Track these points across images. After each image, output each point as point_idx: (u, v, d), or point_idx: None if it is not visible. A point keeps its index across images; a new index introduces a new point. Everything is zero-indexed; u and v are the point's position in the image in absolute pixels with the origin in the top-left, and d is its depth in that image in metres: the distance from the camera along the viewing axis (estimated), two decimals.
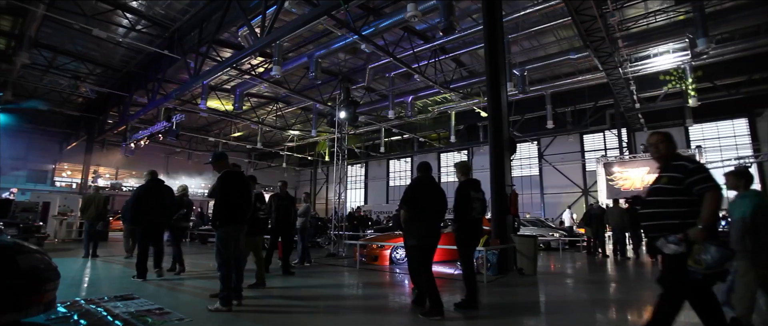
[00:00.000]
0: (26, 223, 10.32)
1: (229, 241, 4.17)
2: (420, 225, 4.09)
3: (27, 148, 23.08)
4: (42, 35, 12.22)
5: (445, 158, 26.00)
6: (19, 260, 2.86)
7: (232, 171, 4.43)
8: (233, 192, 4.30)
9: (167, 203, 6.26)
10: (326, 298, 5.10)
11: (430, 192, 4.25)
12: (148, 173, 6.39)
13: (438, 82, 13.44)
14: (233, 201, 4.26)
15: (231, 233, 4.19)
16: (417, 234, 4.09)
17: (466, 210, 4.32)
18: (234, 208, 4.24)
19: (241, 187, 4.39)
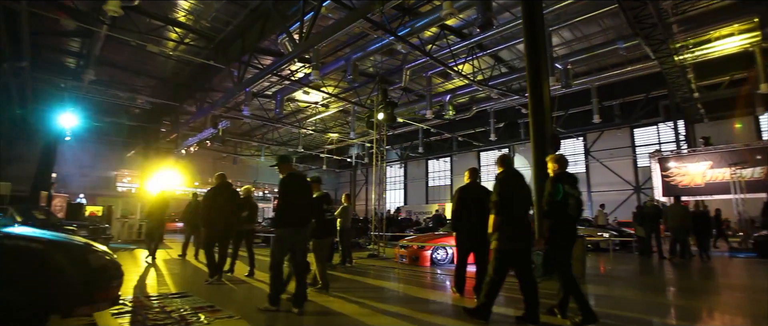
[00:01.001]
0: (94, 225, 11.23)
1: (284, 243, 4.16)
2: (512, 227, 3.76)
3: (93, 157, 25.15)
4: (104, 53, 13.27)
5: (485, 157, 25.43)
6: (90, 258, 3.13)
7: (293, 174, 4.44)
8: (294, 194, 4.28)
9: (235, 206, 6.32)
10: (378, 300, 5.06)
11: (520, 188, 3.93)
12: (217, 176, 6.42)
13: (476, 80, 13.18)
14: (293, 203, 4.23)
15: (287, 235, 4.15)
16: (509, 236, 3.74)
17: (560, 207, 3.81)
18: (293, 211, 4.21)
19: (302, 190, 4.37)
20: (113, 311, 3.83)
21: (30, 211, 9.16)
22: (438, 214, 17.47)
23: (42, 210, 10.35)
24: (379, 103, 12.09)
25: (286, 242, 4.17)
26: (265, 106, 18.42)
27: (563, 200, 3.78)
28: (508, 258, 3.75)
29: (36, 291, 2.85)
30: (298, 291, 4.16)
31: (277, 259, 4.15)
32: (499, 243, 3.77)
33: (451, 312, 4.31)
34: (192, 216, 9.08)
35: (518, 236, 3.77)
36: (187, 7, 11.18)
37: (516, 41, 11.36)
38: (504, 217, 3.77)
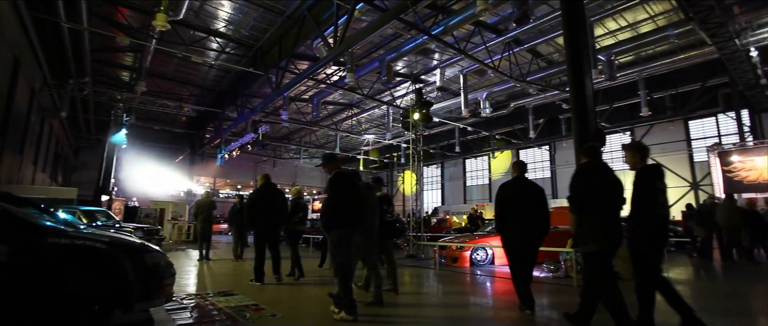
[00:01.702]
0: (148, 227, 11.97)
1: (341, 245, 3.96)
2: (602, 225, 3.23)
3: (146, 162, 26.88)
4: (154, 66, 14.14)
5: (525, 154, 24.69)
6: (146, 258, 3.34)
7: (342, 173, 4.25)
8: (343, 193, 4.10)
9: (280, 207, 6.18)
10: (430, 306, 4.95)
11: (608, 181, 3.35)
12: (262, 177, 6.31)
13: (513, 76, 12.82)
14: (343, 202, 4.06)
15: (342, 237, 3.97)
16: (598, 237, 3.22)
17: (649, 204, 3.27)
18: (343, 211, 4.03)
19: (351, 189, 4.16)
20: (167, 307, 4.06)
21: (94, 214, 9.89)
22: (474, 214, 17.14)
23: (103, 212, 11.16)
24: (415, 103, 12.04)
25: (344, 242, 3.98)
26: (302, 110, 18.90)
27: (653, 196, 3.25)
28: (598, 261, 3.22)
29: (101, 287, 3.09)
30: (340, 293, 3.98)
31: (338, 262, 3.93)
32: (583, 245, 3.29)
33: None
34: (238, 217, 9.34)
35: (605, 237, 3.22)
36: (227, 17, 11.69)
37: (555, 34, 10.96)
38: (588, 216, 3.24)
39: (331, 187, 4.15)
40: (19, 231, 2.96)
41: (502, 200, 4.26)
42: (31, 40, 10.29)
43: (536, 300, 4.15)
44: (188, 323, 3.64)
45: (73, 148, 23.84)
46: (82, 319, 3.00)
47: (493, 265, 8.57)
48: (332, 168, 4.32)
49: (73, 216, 8.83)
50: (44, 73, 12.58)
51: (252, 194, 6.33)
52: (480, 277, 7.11)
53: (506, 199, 4.24)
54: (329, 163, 4.40)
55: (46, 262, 2.94)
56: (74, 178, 24.34)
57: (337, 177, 4.17)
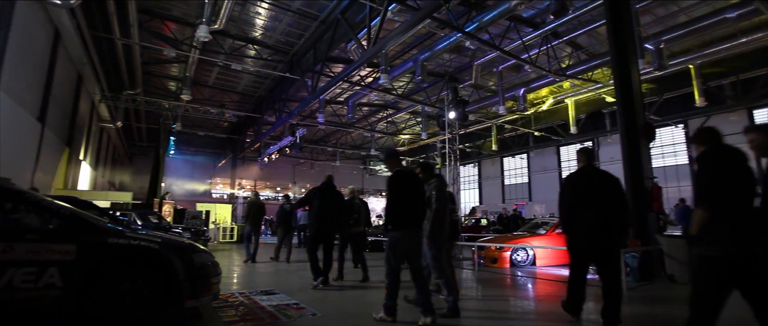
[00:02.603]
0: (195, 228, 12.58)
1: (398, 248, 3.75)
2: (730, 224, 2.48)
3: (191, 167, 28.37)
4: (197, 75, 14.88)
5: (566, 151, 23.73)
6: (194, 258, 3.52)
7: (404, 171, 4.01)
8: (406, 193, 3.86)
9: (338, 208, 6.03)
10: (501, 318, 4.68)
11: (740, 170, 2.59)
12: (326, 177, 6.20)
13: (552, 70, 12.36)
14: (406, 203, 3.83)
15: (401, 239, 3.76)
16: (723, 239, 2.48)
17: None
18: (406, 211, 3.81)
19: (415, 188, 3.95)
20: (214, 305, 4.25)
21: (146, 216, 10.54)
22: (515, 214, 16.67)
23: (155, 214, 11.86)
24: (450, 102, 11.90)
25: (401, 246, 3.75)
26: (337, 112, 19.19)
27: None
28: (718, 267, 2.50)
29: (155, 284, 3.28)
30: (421, 300, 3.69)
31: (393, 265, 3.73)
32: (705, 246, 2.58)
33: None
34: (282, 218, 9.40)
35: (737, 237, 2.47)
36: (263, 25, 12.08)
37: (596, 24, 10.45)
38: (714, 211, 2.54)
39: (392, 186, 3.90)
40: (84, 233, 3.20)
41: (569, 194, 3.61)
42: (92, 56, 11.12)
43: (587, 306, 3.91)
44: (233, 320, 3.79)
45: (127, 155, 25.56)
46: (138, 314, 3.20)
47: (534, 266, 8.30)
48: (394, 165, 4.09)
49: (128, 218, 9.45)
50: (102, 86, 13.58)
51: (311, 193, 6.11)
52: (524, 279, 6.91)
53: (574, 193, 3.57)
54: (391, 159, 4.15)
55: (107, 261, 3.16)
56: (130, 183, 26.10)
57: (397, 175, 3.93)
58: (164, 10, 11.22)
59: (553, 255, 8.46)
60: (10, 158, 7.77)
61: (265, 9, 11.19)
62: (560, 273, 7.43)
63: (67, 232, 3.13)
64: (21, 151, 8.57)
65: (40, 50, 9.14)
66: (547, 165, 24.61)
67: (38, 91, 9.33)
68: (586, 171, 3.71)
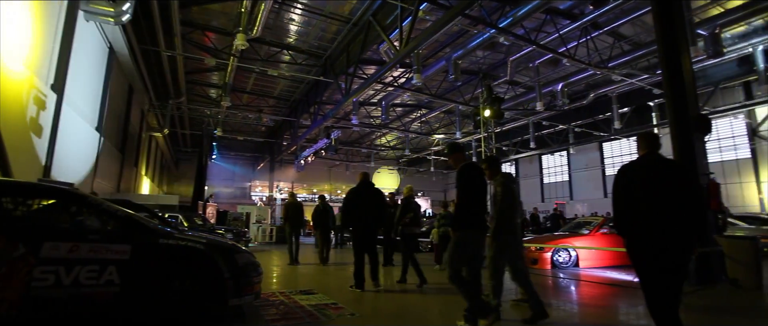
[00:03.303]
0: (237, 229, 13.06)
1: (464, 249, 3.45)
2: None
3: (232, 171, 29.56)
4: (236, 81, 15.48)
5: (609, 147, 22.64)
6: (237, 258, 3.66)
7: (472, 165, 3.68)
8: (477, 190, 3.56)
9: (377, 208, 5.64)
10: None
11: None
12: (360, 175, 5.92)
13: (592, 63, 11.81)
14: (476, 201, 3.53)
15: (469, 240, 3.47)
16: None
17: None
18: (477, 211, 3.53)
19: (480, 184, 3.62)
20: (256, 304, 4.39)
21: (192, 218, 11.08)
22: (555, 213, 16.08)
23: (200, 216, 12.45)
24: (485, 100, 11.66)
25: (467, 246, 3.45)
26: (371, 114, 19.32)
27: None
28: None
29: (200, 283, 3.44)
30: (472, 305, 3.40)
31: (455, 268, 3.42)
32: None
33: None
34: (320, 219, 9.31)
35: None
36: (296, 30, 12.38)
37: (641, 12, 9.88)
38: None
39: (462, 182, 3.55)
40: (138, 234, 3.40)
41: (625, 188, 2.83)
42: (141, 69, 11.85)
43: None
44: (275, 318, 3.90)
45: (173, 160, 27.01)
46: (186, 311, 3.36)
47: (577, 268, 7.96)
48: (458, 159, 3.76)
49: (175, 220, 9.97)
50: (150, 97, 14.43)
51: (348, 194, 5.78)
52: (567, 281, 6.64)
53: (632, 186, 2.80)
54: (455, 153, 3.84)
55: (158, 260, 3.35)
56: (175, 186, 27.60)
57: (465, 170, 3.58)
58: (205, 21, 11.76)
59: (598, 257, 8.09)
60: (73, 165, 8.43)
61: (298, 15, 11.46)
62: (607, 275, 7.08)
63: (123, 233, 3.34)
64: (82, 159, 9.27)
65: (96, 65, 9.85)
66: (589, 162, 23.57)
67: (96, 104, 10.05)
68: (648, 161, 2.89)
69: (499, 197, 3.90)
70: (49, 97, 7.08)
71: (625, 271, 7.14)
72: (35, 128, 6.69)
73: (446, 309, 4.51)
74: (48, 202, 3.63)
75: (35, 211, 3.55)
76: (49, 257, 2.97)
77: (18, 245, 2.93)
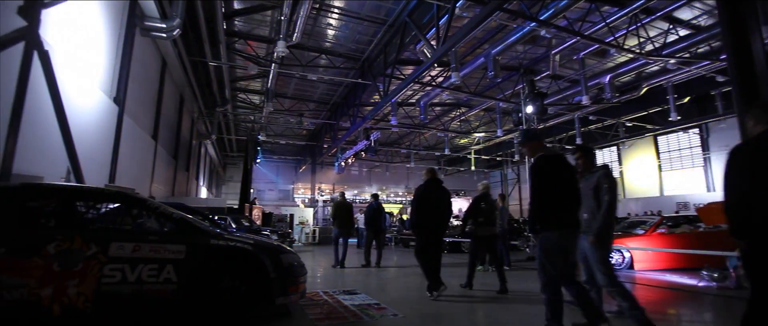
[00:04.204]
0: (282, 230, 13.49)
1: (556, 253, 3.03)
2: None
3: (276, 174, 30.64)
4: (277, 87, 16.02)
5: (665, 141, 21.14)
6: (282, 258, 3.78)
7: (554, 155, 3.24)
8: (559, 183, 3.11)
9: (445, 207, 5.33)
10: None
11: None
12: (428, 172, 5.59)
13: (644, 52, 11.09)
14: (562, 195, 3.09)
15: (556, 241, 3.04)
16: None
17: None
18: (562, 206, 3.08)
19: (570, 176, 3.20)
20: (301, 303, 4.50)
21: (239, 219, 11.57)
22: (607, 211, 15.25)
23: (246, 218, 12.98)
24: (526, 96, 11.29)
25: (557, 249, 3.03)
26: (410, 114, 19.29)
27: None
28: None
29: (249, 282, 3.58)
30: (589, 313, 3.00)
31: (550, 276, 3.00)
32: None
33: None
34: (373, 220, 8.88)
35: None
36: (334, 34, 12.61)
37: None
38: None
39: (539, 174, 3.13)
40: (192, 235, 3.60)
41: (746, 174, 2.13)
42: (190, 79, 12.57)
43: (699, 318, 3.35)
44: (319, 317, 3.98)
45: (221, 164, 28.38)
46: (235, 308, 3.52)
47: (631, 270, 7.49)
48: (535, 148, 3.31)
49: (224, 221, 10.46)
50: (199, 105, 15.25)
51: (417, 192, 5.39)
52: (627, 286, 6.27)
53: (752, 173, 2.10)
54: (531, 141, 3.39)
55: (210, 260, 3.53)
56: (224, 190, 29.02)
57: (544, 162, 3.16)
58: (247, 30, 12.28)
59: (656, 258, 7.56)
60: (132, 171, 9.09)
61: (335, 19, 11.66)
62: (666, 279, 6.61)
63: (179, 234, 3.55)
64: (141, 165, 9.98)
65: (152, 78, 10.57)
66: (643, 157, 22.14)
67: (151, 113, 10.78)
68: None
69: (606, 191, 3.45)
70: (113, 109, 7.69)
71: (686, 275, 6.64)
72: (102, 138, 7.28)
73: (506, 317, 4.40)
74: (114, 206, 3.93)
75: (103, 214, 3.87)
76: (116, 256, 3.22)
77: (91, 245, 3.19)
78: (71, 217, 3.54)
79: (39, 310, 2.97)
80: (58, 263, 3.06)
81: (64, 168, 5.78)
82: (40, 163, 5.22)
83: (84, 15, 6.36)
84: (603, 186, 3.50)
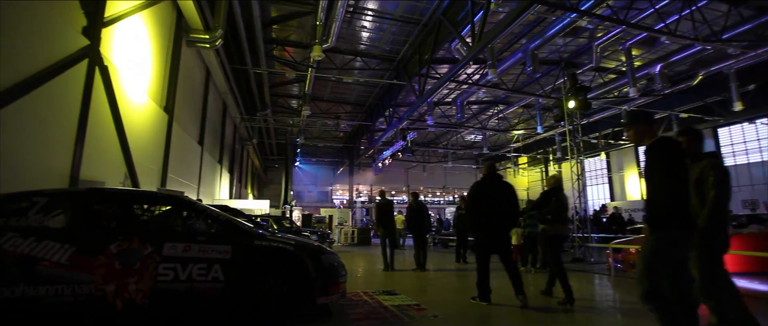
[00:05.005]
0: (321, 231, 13.79)
1: (672, 256, 2.49)
2: None
3: (314, 176, 31.33)
4: (314, 91, 16.39)
5: (727, 133, 19.52)
6: (323, 259, 3.85)
7: (669, 140, 2.60)
8: (679, 173, 2.53)
9: (508, 204, 4.78)
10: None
11: None
12: (486, 166, 5.07)
13: (701, 37, 10.29)
14: (680, 188, 2.51)
15: (675, 241, 2.48)
16: None
17: None
18: (684, 201, 2.52)
19: (686, 165, 2.62)
20: (342, 303, 4.57)
21: (281, 221, 11.95)
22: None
23: (287, 219, 13.39)
24: (568, 90, 10.84)
25: (670, 252, 2.48)
26: (446, 113, 19.09)
27: None
28: None
29: (292, 282, 3.68)
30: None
31: (654, 283, 2.41)
32: None
33: None
34: (415, 220, 8.48)
35: None
36: (368, 37, 12.72)
37: None
38: None
39: (658, 162, 2.53)
40: (237, 236, 3.76)
41: None
42: (232, 86, 13.14)
43: None
44: (359, 317, 4.02)
45: (262, 168, 29.43)
46: (277, 307, 3.62)
47: None
48: (645, 132, 2.68)
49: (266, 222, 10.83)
50: (241, 111, 15.90)
51: (473, 189, 4.95)
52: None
53: None
54: (639, 124, 2.71)
55: (254, 260, 3.66)
56: (265, 192, 30.07)
57: (665, 146, 2.55)
58: (284, 36, 12.67)
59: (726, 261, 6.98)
60: (181, 175, 9.63)
61: (369, 22, 11.76)
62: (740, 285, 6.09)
63: (225, 235, 3.71)
64: (188, 169, 10.55)
65: (197, 86, 11.15)
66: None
67: (197, 120, 11.38)
68: None
69: (712, 184, 2.96)
70: (163, 117, 8.18)
71: (757, 279, 6.09)
72: (154, 144, 7.77)
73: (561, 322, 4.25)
74: (165, 208, 4.18)
75: (157, 216, 4.12)
76: (169, 256, 3.42)
77: (147, 245, 3.41)
78: (129, 219, 3.80)
79: (105, 305, 3.21)
80: (119, 261, 3.30)
81: (121, 173, 6.23)
82: (102, 169, 5.65)
83: (136, 31, 6.82)
84: (708, 178, 3.00)
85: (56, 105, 4.72)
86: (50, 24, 4.57)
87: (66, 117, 4.90)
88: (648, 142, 2.63)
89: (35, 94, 4.28)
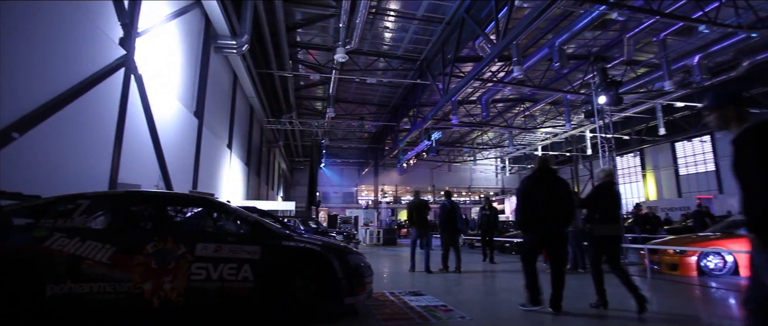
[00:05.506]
0: (347, 232, 13.88)
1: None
2: None
3: (339, 176, 31.65)
4: (338, 93, 16.56)
5: None
6: (349, 259, 3.87)
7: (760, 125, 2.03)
8: None
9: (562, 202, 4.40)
10: None
11: None
12: (539, 161, 4.69)
13: (745, 25, 9.70)
14: None
15: None
16: None
17: None
18: None
19: None
20: (368, 303, 4.58)
21: (307, 221, 12.12)
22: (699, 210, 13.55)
23: (313, 220, 13.56)
24: (598, 85, 10.49)
25: None
26: (471, 112, 18.86)
27: None
28: None
29: (318, 282, 3.73)
30: None
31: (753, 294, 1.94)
32: None
33: None
34: (447, 220, 7.99)
35: None
36: (391, 37, 12.73)
37: None
38: None
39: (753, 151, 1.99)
40: (265, 236, 3.84)
41: None
42: (258, 90, 13.46)
43: None
44: (386, 317, 4.02)
45: (289, 169, 29.98)
46: (305, 307, 3.67)
47: (736, 277, 6.59)
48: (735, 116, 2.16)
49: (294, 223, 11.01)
50: (267, 114, 16.26)
51: (523, 184, 4.60)
52: (723, 293, 5.57)
53: None
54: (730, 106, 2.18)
55: (282, 260, 3.73)
56: (292, 193, 30.60)
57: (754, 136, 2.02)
58: (308, 40, 12.86)
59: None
60: (211, 177, 9.95)
61: (391, 22, 11.77)
62: None
63: (254, 236, 3.80)
64: (217, 171, 10.88)
65: (225, 91, 11.48)
66: None
67: (226, 124, 11.71)
68: None
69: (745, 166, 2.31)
70: (193, 122, 8.47)
71: None
72: (185, 148, 8.06)
73: None
74: (197, 209, 4.32)
75: (189, 217, 4.27)
76: (201, 256, 3.53)
77: (180, 245, 3.54)
78: (164, 220, 3.96)
79: (143, 302, 3.36)
80: (155, 260, 3.44)
81: (156, 176, 6.50)
82: (138, 172, 5.91)
83: (168, 39, 7.10)
84: None
85: (97, 112, 4.98)
86: (91, 37, 4.83)
87: (106, 123, 5.16)
88: (736, 130, 2.12)
89: (79, 103, 4.53)
